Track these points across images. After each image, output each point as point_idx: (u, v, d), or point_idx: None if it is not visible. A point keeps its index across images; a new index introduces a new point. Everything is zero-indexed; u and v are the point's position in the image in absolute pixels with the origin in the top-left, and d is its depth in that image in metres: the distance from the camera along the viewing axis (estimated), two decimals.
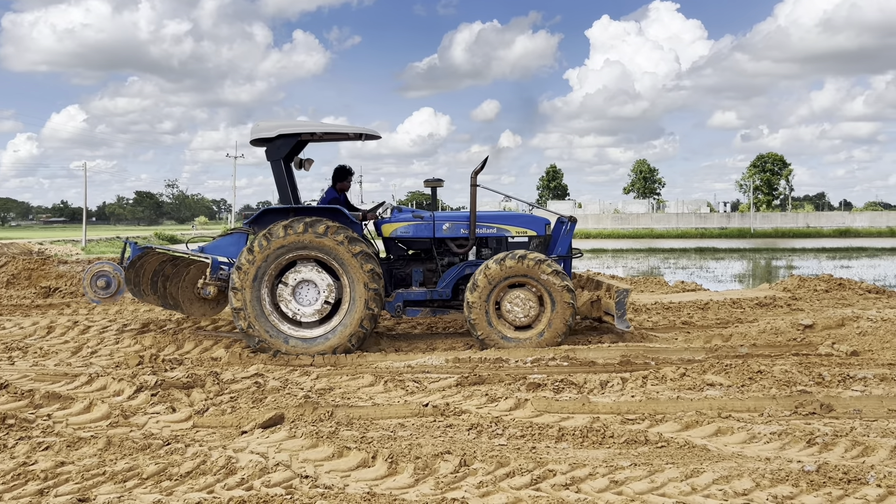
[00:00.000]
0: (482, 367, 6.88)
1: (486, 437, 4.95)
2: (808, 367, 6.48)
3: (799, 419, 5.20)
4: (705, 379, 6.25)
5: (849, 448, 4.50)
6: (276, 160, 8.31)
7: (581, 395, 5.97)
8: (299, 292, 7.93)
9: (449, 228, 8.64)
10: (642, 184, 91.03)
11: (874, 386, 5.92)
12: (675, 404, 5.58)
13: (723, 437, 4.86)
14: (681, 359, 7.19)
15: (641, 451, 4.62)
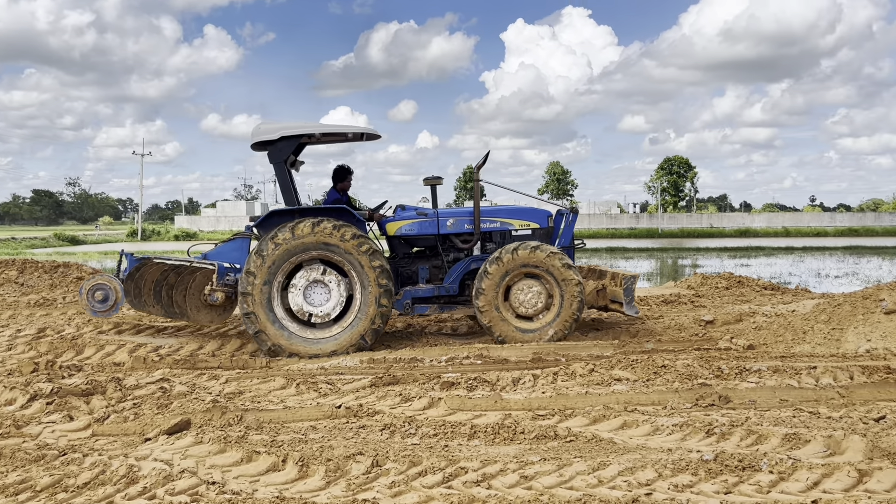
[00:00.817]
0: (397, 368, 6.87)
1: (399, 436, 4.94)
2: (709, 361, 6.77)
3: (699, 411, 5.42)
4: (613, 374, 6.44)
5: (744, 437, 4.73)
6: (278, 162, 8.24)
7: (494, 392, 6.04)
8: (310, 294, 7.90)
9: (453, 224, 8.73)
10: (556, 185, 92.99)
11: (768, 377, 6.24)
12: (584, 399, 5.72)
13: (628, 430, 5.02)
14: (590, 355, 7.39)
15: (551, 445, 4.71)
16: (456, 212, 8.94)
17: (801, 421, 5.05)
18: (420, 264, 8.80)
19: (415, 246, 9.00)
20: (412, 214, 8.76)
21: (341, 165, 9.17)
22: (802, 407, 5.45)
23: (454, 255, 8.84)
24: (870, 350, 7.00)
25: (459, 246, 8.78)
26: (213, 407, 5.48)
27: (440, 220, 8.70)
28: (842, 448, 4.43)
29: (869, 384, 6.00)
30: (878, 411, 5.26)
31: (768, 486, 3.89)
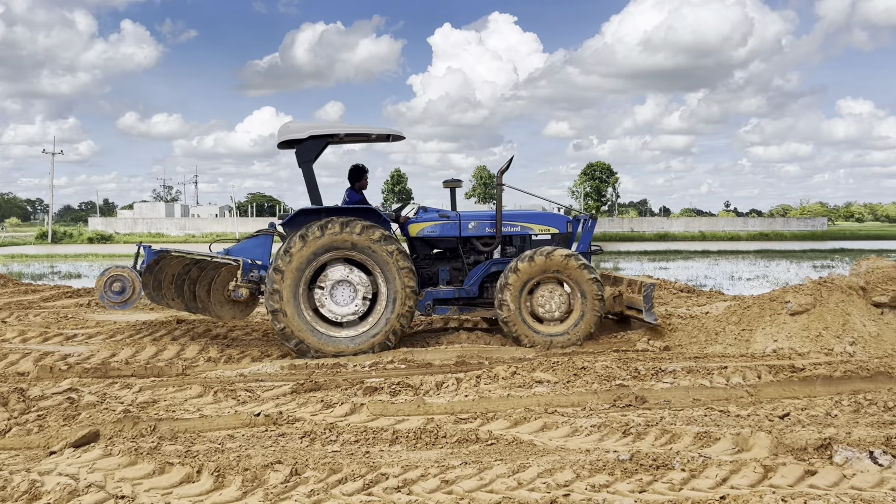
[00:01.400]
0: (319, 374, 6.77)
1: (320, 444, 4.86)
2: (627, 363, 6.94)
3: (616, 411, 5.55)
4: (534, 376, 6.52)
5: (658, 436, 4.87)
6: (306, 161, 8.23)
7: (417, 397, 6.02)
8: (336, 292, 7.94)
9: (475, 227, 8.87)
10: (483, 189, 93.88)
11: (682, 378, 6.44)
12: (506, 402, 5.77)
13: (548, 432, 5.09)
14: (513, 358, 7.47)
15: (472, 449, 4.73)
16: (477, 215, 9.08)
17: (712, 420, 5.23)
18: (441, 266, 8.92)
19: (436, 247, 9.12)
20: (434, 217, 8.88)
21: (357, 165, 9.09)
22: (714, 406, 5.65)
23: (474, 257, 8.98)
24: (776, 350, 7.32)
25: (480, 249, 8.93)
26: (124, 417, 5.26)
27: (462, 223, 8.85)
28: (749, 445, 4.62)
29: (775, 383, 6.27)
30: (783, 409, 5.51)
31: (680, 484, 4.01)
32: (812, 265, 27.99)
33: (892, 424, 5.02)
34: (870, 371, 6.40)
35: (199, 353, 8.03)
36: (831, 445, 4.46)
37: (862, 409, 5.48)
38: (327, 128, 8.27)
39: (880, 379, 6.30)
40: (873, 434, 4.68)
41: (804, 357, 7.01)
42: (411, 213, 9.04)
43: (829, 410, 5.44)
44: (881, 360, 6.76)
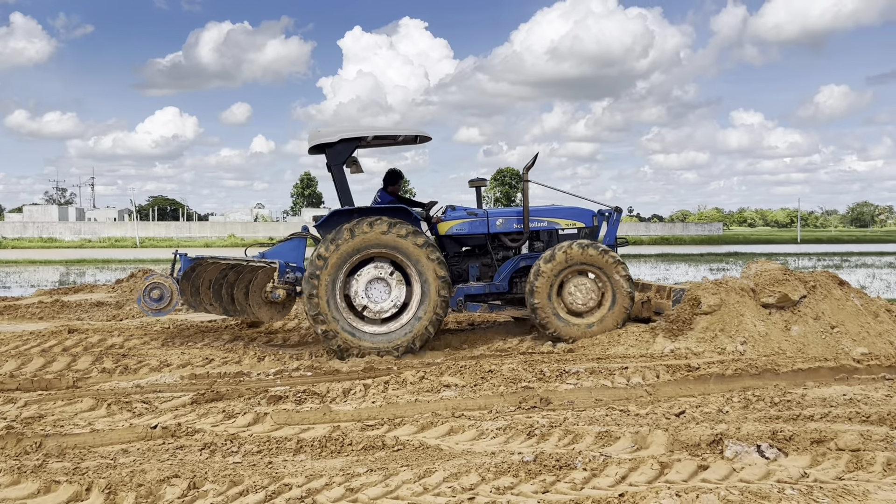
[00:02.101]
0: (221, 383, 6.56)
1: (220, 455, 4.71)
2: (532, 365, 7.06)
3: (522, 413, 5.63)
4: (442, 381, 6.54)
5: (562, 437, 4.96)
6: (337, 164, 8.40)
7: (323, 404, 5.93)
8: (371, 291, 8.07)
9: (502, 224, 9.02)
10: None
11: (585, 379, 6.61)
12: (414, 407, 5.76)
13: (455, 436, 5.11)
14: (422, 362, 7.46)
15: (378, 456, 4.69)
16: (505, 211, 9.22)
17: (613, 419, 5.39)
18: (470, 262, 9.08)
19: (465, 245, 9.25)
20: (463, 214, 9.03)
21: (393, 169, 9.33)
22: (615, 405, 5.82)
23: (503, 253, 9.12)
24: (674, 350, 7.62)
25: (508, 245, 9.05)
26: (6, 434, 4.94)
27: (490, 220, 9.00)
28: (647, 443, 4.77)
29: (672, 382, 6.53)
30: (679, 406, 5.73)
31: (582, 483, 4.10)
32: (709, 268, 29.35)
33: (778, 419, 5.30)
34: (758, 369, 6.75)
35: (93, 363, 7.64)
36: (722, 441, 4.67)
37: (751, 405, 5.77)
38: (357, 131, 8.43)
39: (767, 376, 6.65)
40: (761, 429, 4.92)
41: (699, 356, 7.32)
42: (440, 213, 9.17)
43: (721, 407, 5.70)
44: (768, 358, 7.14)
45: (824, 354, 7.38)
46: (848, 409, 5.51)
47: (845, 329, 7.93)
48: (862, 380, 6.61)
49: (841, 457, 4.45)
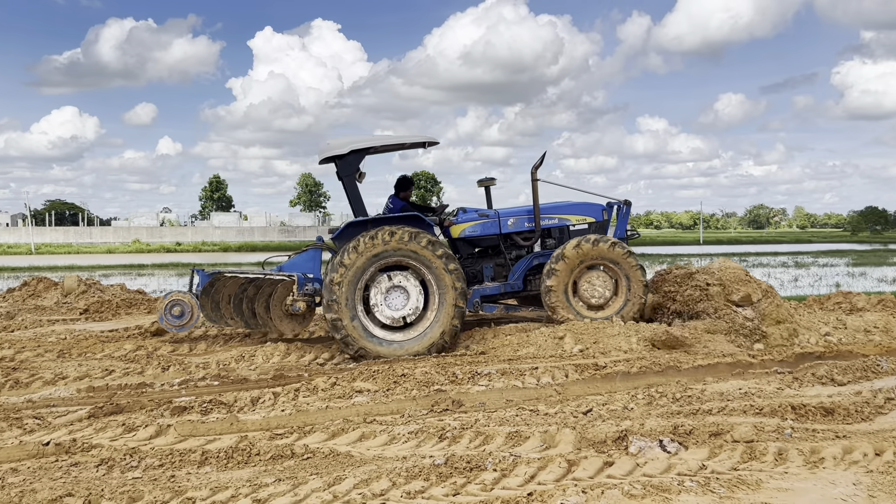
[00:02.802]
0: (121, 395, 6.29)
1: (119, 471, 4.50)
2: (445, 368, 7.09)
3: (434, 416, 5.63)
4: (354, 386, 6.48)
5: (473, 438, 4.99)
6: (348, 175, 8.52)
7: (230, 414, 5.76)
8: (390, 298, 8.19)
9: (514, 223, 9.20)
10: (308, 197, 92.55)
11: (496, 380, 6.68)
12: (325, 414, 5.67)
13: (366, 442, 5.06)
14: (333, 367, 7.37)
15: (287, 465, 4.59)
16: (516, 211, 9.33)
17: (523, 419, 5.46)
18: (484, 263, 9.22)
19: (477, 246, 9.39)
20: (474, 216, 9.18)
21: (405, 176, 9.45)
22: (525, 406, 5.90)
23: (516, 252, 9.26)
24: (582, 350, 7.80)
25: (520, 243, 9.21)
26: None
27: (501, 220, 9.16)
28: (556, 441, 4.86)
29: (580, 381, 6.68)
30: (587, 405, 5.87)
31: (492, 484, 4.13)
32: None
33: (679, 414, 5.50)
34: (661, 366, 7.00)
35: None
36: (627, 437, 4.81)
37: (654, 401, 5.97)
38: (366, 142, 8.55)
39: (670, 373, 6.90)
40: (663, 424, 5.10)
41: (606, 355, 7.52)
42: (451, 215, 9.27)
43: (626, 404, 5.87)
44: (671, 356, 7.40)
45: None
46: (743, 402, 5.77)
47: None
48: (756, 374, 6.95)
49: (736, 448, 4.66)
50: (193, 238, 63.01)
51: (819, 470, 4.33)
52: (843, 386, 6.42)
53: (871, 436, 4.95)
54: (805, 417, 5.41)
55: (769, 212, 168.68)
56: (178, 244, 58.24)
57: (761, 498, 3.84)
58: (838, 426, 5.25)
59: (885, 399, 5.88)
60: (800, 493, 3.92)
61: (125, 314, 11.95)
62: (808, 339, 8.49)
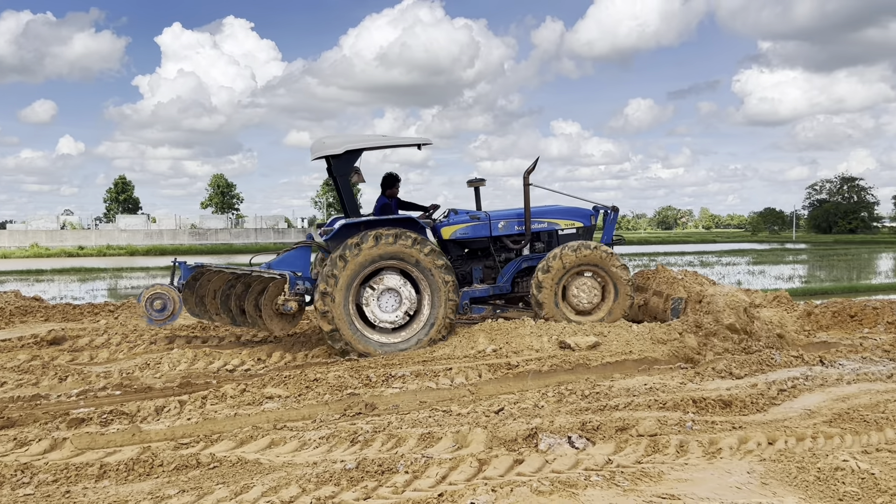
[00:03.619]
0: (13, 408, 5.93)
1: (9, 488, 4.24)
2: (359, 371, 7.03)
3: (346, 421, 5.58)
4: (265, 392, 6.33)
5: (385, 441, 4.97)
6: (343, 175, 8.49)
7: (132, 424, 5.53)
8: (383, 300, 8.21)
9: (504, 226, 9.23)
10: (220, 199, 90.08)
11: (411, 382, 6.68)
12: (233, 421, 5.52)
13: (276, 449, 4.95)
14: (243, 374, 7.19)
15: (192, 475, 4.45)
16: (506, 214, 9.36)
17: (436, 420, 5.47)
18: (474, 265, 9.28)
19: (467, 248, 9.40)
20: (465, 218, 9.20)
21: (391, 173, 9.41)
22: (438, 406, 5.92)
23: (505, 255, 9.32)
24: (496, 350, 7.89)
25: (510, 246, 9.27)
26: None
27: (492, 223, 9.21)
28: (468, 441, 4.89)
29: (493, 380, 6.76)
30: (499, 404, 5.94)
31: (403, 486, 4.12)
32: None
33: (588, 410, 5.64)
34: (571, 364, 7.16)
35: None
36: (537, 434, 4.89)
37: (564, 398, 6.10)
38: (361, 142, 8.54)
39: (580, 370, 7.07)
40: (572, 421, 5.21)
41: (518, 354, 7.63)
42: (442, 216, 9.30)
43: (537, 402, 5.97)
44: (581, 354, 7.57)
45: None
46: (648, 397, 5.97)
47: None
48: (661, 370, 7.20)
49: (641, 442, 4.81)
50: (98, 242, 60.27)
51: (717, 460, 4.52)
52: (741, 379, 6.74)
53: (764, 426, 5.22)
54: (705, 410, 5.65)
55: (677, 213, 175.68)
56: (80, 248, 55.56)
57: (663, 489, 3.97)
58: (735, 418, 5.51)
59: (777, 391, 6.21)
60: (698, 483, 4.09)
61: (20, 322, 11.29)
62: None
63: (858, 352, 7.99)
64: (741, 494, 3.93)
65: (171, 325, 10.13)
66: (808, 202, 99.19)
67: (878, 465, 4.23)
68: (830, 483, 4.00)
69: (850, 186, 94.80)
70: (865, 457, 4.40)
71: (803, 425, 5.23)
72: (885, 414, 5.44)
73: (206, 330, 9.94)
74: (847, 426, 5.19)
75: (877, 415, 5.43)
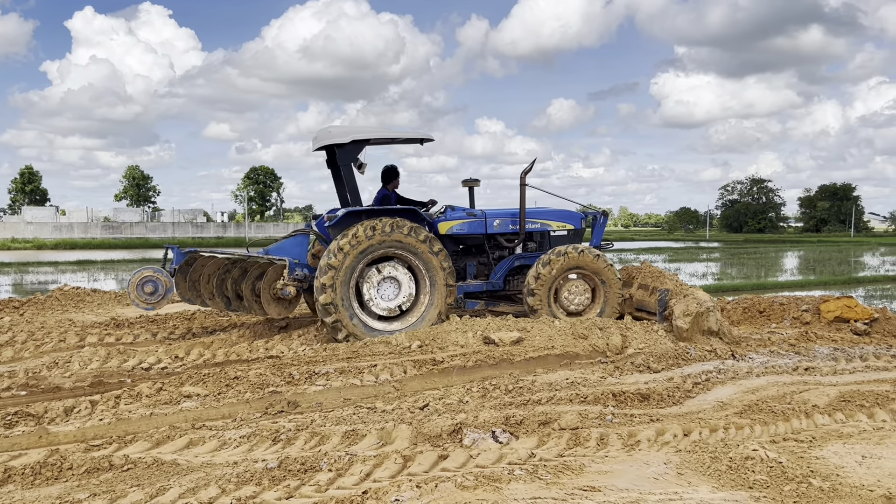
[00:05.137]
0: None
1: None
2: (281, 368, 6.89)
3: (268, 419, 5.46)
4: (182, 391, 6.13)
5: (308, 440, 4.89)
6: (346, 164, 8.65)
7: (39, 426, 5.26)
8: (382, 288, 8.49)
9: (499, 225, 9.43)
10: (136, 191, 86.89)
11: (334, 379, 6.59)
12: (149, 421, 5.33)
13: (194, 449, 4.80)
14: (160, 372, 6.95)
15: (105, 478, 4.26)
16: (502, 213, 9.55)
17: (360, 417, 5.43)
18: (468, 261, 9.50)
19: (462, 244, 9.57)
20: (462, 215, 9.37)
21: (391, 166, 9.56)
22: (362, 404, 5.87)
23: (499, 252, 9.56)
24: (421, 346, 7.88)
25: (503, 244, 9.50)
26: None
27: (488, 221, 9.38)
28: (392, 438, 4.87)
29: (418, 376, 6.75)
30: (424, 400, 5.94)
31: (327, 485, 4.06)
32: None
33: (511, 405, 5.70)
34: (495, 359, 7.23)
35: None
36: (462, 429, 4.92)
37: (488, 393, 6.15)
38: (368, 133, 8.79)
39: (504, 366, 7.15)
40: (496, 415, 5.26)
41: (444, 350, 7.65)
42: (439, 212, 9.43)
43: (461, 397, 6.00)
44: (505, 349, 7.65)
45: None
46: (570, 391, 6.09)
47: None
48: (583, 364, 7.35)
49: (563, 435, 4.90)
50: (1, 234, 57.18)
51: (635, 452, 4.65)
52: (658, 373, 6.95)
53: (680, 418, 5.40)
54: (624, 403, 5.81)
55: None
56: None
57: (584, 481, 4.05)
58: (653, 410, 5.68)
59: (693, 384, 6.44)
60: (618, 475, 4.19)
61: None
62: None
63: (767, 346, 8.37)
64: (658, 485, 4.05)
65: (83, 323, 9.71)
66: (721, 202, 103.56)
67: (786, 454, 4.43)
68: (741, 472, 4.17)
69: (760, 188, 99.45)
70: (773, 446, 4.61)
71: (716, 417, 5.44)
72: (791, 405, 5.72)
73: (119, 328, 9.56)
74: (756, 417, 5.43)
75: (783, 406, 5.70)
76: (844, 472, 4.21)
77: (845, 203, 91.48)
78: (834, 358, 7.79)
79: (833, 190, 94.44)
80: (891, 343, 8.68)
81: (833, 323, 9.60)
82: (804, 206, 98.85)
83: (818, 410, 5.57)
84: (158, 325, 9.91)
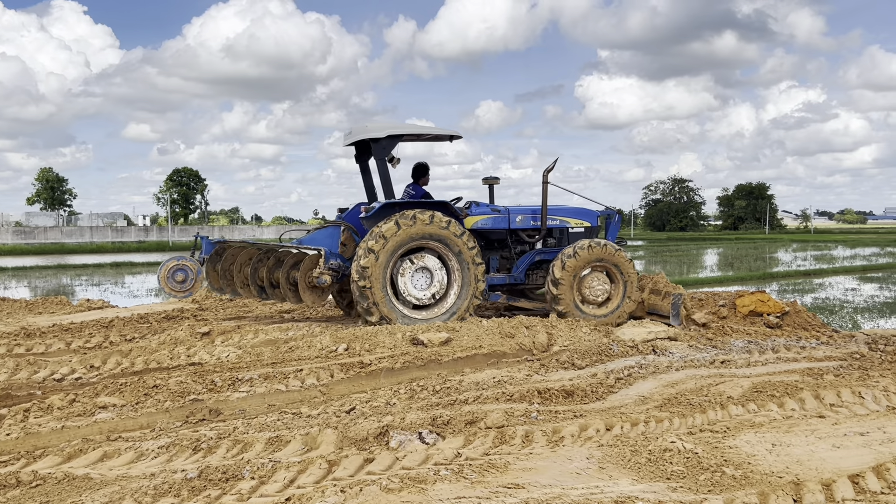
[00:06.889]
0: None
1: None
2: (203, 375, 6.70)
3: (188, 428, 5.30)
4: (97, 402, 5.89)
5: (230, 447, 4.77)
6: (381, 159, 9.10)
7: None
8: (415, 279, 8.92)
9: (521, 220, 9.87)
10: (50, 194, 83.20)
11: (259, 385, 6.46)
12: (60, 435, 5.10)
13: (109, 462, 4.62)
14: (73, 383, 6.66)
15: (11, 495, 4.05)
16: (524, 209, 9.98)
17: (285, 423, 5.33)
18: (490, 255, 9.88)
19: (485, 239, 9.92)
20: (486, 210, 9.84)
21: (422, 163, 9.94)
22: (287, 409, 5.77)
23: (520, 247, 9.99)
24: (348, 348, 7.81)
25: (525, 239, 9.95)
26: None
27: (511, 216, 9.84)
28: (317, 443, 4.80)
29: (345, 380, 6.69)
30: (351, 403, 5.88)
31: (249, 493, 3.97)
32: None
33: (438, 405, 5.71)
34: (423, 360, 7.23)
35: None
36: (388, 432, 4.89)
37: (416, 394, 6.14)
38: (402, 128, 9.32)
39: (432, 366, 7.16)
40: (423, 416, 5.25)
41: (371, 352, 7.60)
42: (465, 208, 9.81)
43: (389, 400, 5.97)
44: (433, 350, 7.66)
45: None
46: (496, 390, 6.14)
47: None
48: (510, 363, 7.43)
49: (489, 434, 4.93)
50: None
51: (559, 448, 4.72)
52: (582, 369, 7.09)
53: (603, 413, 5.52)
54: (549, 400, 5.89)
55: None
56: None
57: (508, 479, 4.09)
58: (577, 406, 5.78)
59: (615, 379, 6.59)
60: (542, 472, 4.24)
61: None
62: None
63: (685, 340, 8.64)
64: (580, 479, 4.13)
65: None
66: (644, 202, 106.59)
67: (701, 445, 4.59)
68: (660, 463, 4.29)
69: (681, 187, 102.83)
70: (690, 437, 4.76)
71: (637, 411, 5.58)
72: (707, 397, 5.92)
73: (30, 337, 9.12)
74: (675, 410, 5.60)
75: (700, 398, 5.90)
76: (755, 460, 4.38)
77: (760, 202, 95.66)
78: (748, 350, 8.11)
79: (749, 189, 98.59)
80: (800, 335, 9.10)
81: (748, 317, 9.99)
82: (722, 204, 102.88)
83: (732, 402, 5.78)
84: (73, 334, 9.49)
